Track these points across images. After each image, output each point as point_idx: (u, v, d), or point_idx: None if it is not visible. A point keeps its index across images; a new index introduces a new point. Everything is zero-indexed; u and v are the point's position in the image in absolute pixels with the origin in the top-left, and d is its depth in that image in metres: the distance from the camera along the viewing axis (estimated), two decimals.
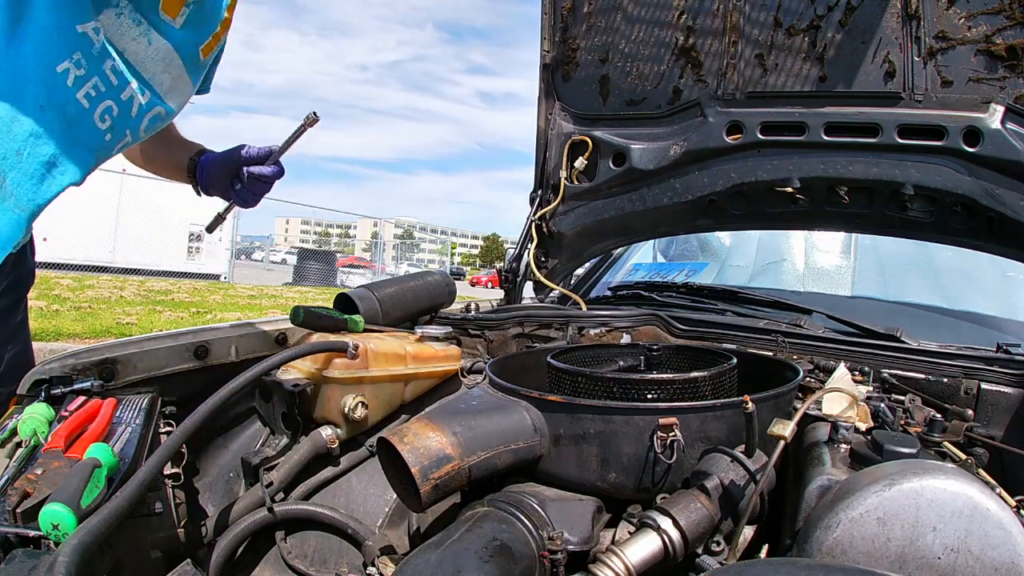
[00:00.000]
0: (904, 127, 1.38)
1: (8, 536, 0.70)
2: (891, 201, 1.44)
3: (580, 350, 1.20)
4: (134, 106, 1.09)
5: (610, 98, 1.71)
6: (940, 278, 2.09)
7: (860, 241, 2.22)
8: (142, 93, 1.10)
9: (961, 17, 1.32)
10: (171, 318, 7.53)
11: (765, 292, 1.82)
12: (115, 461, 0.83)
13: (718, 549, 0.74)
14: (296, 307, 1.29)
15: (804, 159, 1.49)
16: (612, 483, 0.83)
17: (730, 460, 0.78)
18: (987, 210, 1.33)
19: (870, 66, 1.41)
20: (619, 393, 0.90)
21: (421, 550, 0.72)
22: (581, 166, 1.73)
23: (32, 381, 1.02)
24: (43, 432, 0.87)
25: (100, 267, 12.70)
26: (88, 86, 1.01)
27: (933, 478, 0.61)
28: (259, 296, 11.33)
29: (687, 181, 1.63)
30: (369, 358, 1.17)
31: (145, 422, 0.97)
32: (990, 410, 1.15)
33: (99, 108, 1.03)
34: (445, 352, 1.31)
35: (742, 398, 0.76)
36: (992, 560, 0.58)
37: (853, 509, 0.62)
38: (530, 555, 0.73)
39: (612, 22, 1.67)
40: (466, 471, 0.80)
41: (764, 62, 1.51)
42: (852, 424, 0.83)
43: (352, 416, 1.14)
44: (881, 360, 1.27)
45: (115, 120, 1.06)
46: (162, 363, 1.16)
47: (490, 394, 0.92)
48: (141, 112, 1.11)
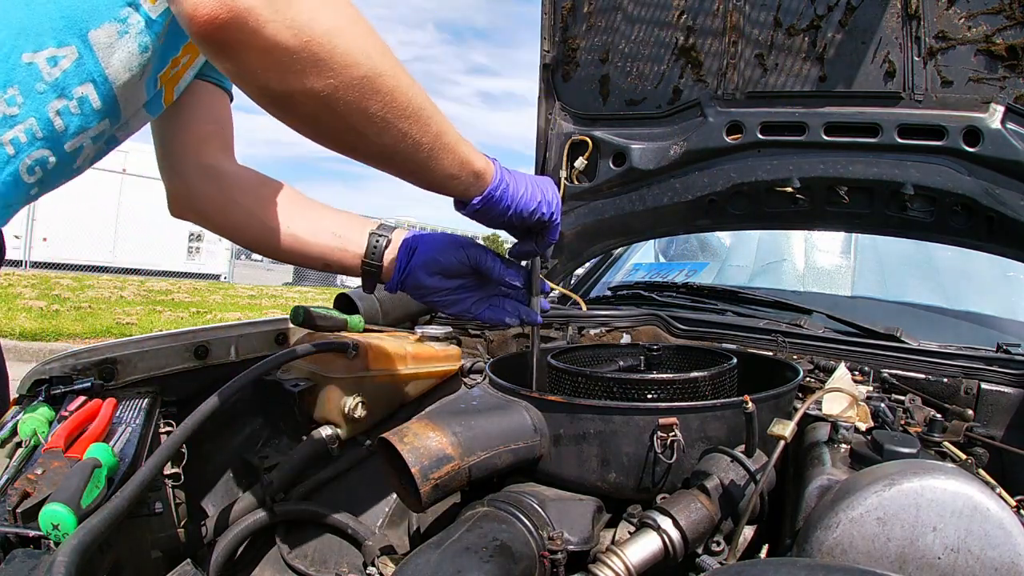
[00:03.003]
0: (904, 127, 1.38)
1: (8, 536, 0.70)
2: (891, 201, 1.44)
3: (580, 350, 1.20)
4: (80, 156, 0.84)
5: (610, 98, 1.71)
6: (940, 278, 2.09)
7: (860, 241, 2.22)
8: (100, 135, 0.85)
9: (961, 17, 1.32)
10: (171, 318, 7.54)
11: (765, 292, 1.82)
12: (115, 461, 0.83)
13: (718, 549, 0.74)
14: (296, 307, 1.29)
15: (804, 159, 1.49)
16: (612, 483, 0.83)
17: (730, 460, 0.78)
18: (987, 210, 1.33)
19: (870, 66, 1.41)
20: (619, 393, 0.90)
21: (421, 550, 0.72)
22: (581, 166, 1.72)
23: (32, 381, 1.02)
24: (43, 432, 0.87)
25: (100, 267, 12.70)
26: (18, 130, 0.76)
27: (933, 478, 0.61)
28: (259, 296, 11.33)
29: (687, 181, 1.63)
30: (369, 358, 1.17)
31: (145, 422, 0.97)
32: (990, 410, 1.15)
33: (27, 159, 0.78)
34: (445, 352, 1.32)
35: (742, 398, 0.76)
36: (992, 560, 0.58)
37: (853, 509, 0.62)
38: (530, 555, 0.73)
39: (612, 22, 1.67)
40: (466, 471, 0.80)
41: (764, 62, 1.51)
42: (852, 424, 0.83)
43: (352, 416, 1.14)
44: (881, 360, 1.27)
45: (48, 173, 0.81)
46: (162, 363, 1.16)
47: (490, 394, 0.92)
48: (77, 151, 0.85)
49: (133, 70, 0.81)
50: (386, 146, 0.77)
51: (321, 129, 0.74)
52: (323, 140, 0.76)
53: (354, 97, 0.69)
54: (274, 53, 0.62)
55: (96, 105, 0.81)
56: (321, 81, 0.66)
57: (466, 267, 0.98)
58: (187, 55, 0.92)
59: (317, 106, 0.69)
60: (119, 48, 0.79)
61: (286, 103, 0.69)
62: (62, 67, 0.76)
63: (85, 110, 0.80)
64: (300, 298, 11.43)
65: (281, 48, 0.62)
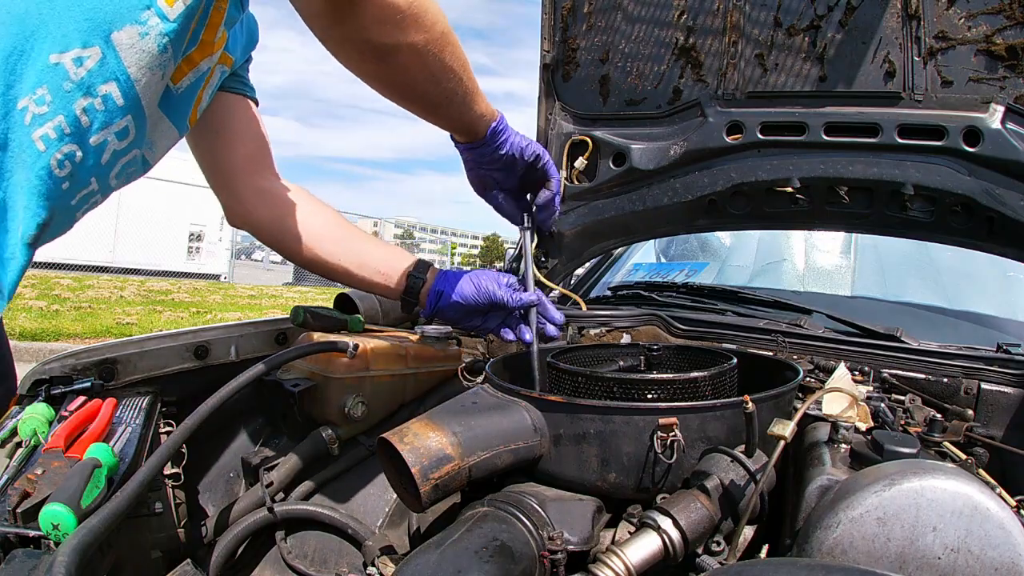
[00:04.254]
0: (904, 127, 1.38)
1: (8, 536, 0.70)
2: (891, 201, 1.44)
3: (580, 350, 1.20)
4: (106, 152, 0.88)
5: (610, 98, 1.71)
6: (940, 278, 2.09)
7: (860, 241, 2.22)
8: (128, 137, 0.90)
9: (961, 17, 1.32)
10: (171, 318, 7.54)
11: (765, 292, 1.82)
12: (115, 461, 0.83)
13: (718, 549, 0.74)
14: (296, 307, 1.29)
15: (804, 159, 1.49)
16: (612, 483, 0.83)
17: (730, 460, 0.78)
18: (987, 210, 1.33)
19: (870, 66, 1.41)
20: (619, 393, 0.90)
21: (421, 550, 0.72)
22: (581, 166, 1.72)
23: (32, 381, 1.02)
24: (43, 432, 0.87)
25: (100, 267, 12.70)
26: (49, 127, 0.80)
27: (933, 478, 0.61)
28: (259, 296, 11.33)
29: (687, 181, 1.63)
30: (369, 358, 1.17)
31: (145, 422, 0.97)
32: (990, 410, 1.15)
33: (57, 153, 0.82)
34: (445, 352, 1.32)
35: (742, 398, 0.76)
36: (992, 560, 0.58)
37: (853, 509, 0.62)
38: (530, 555, 0.73)
39: (612, 22, 1.67)
40: (466, 471, 0.80)
41: (764, 62, 1.51)
42: (852, 424, 0.83)
43: (352, 416, 1.14)
44: (881, 360, 1.27)
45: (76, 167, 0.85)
46: (162, 363, 1.16)
47: (490, 394, 0.92)
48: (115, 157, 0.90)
49: (154, 69, 0.86)
50: (448, 91, 0.97)
51: (408, 77, 0.93)
52: (401, 89, 0.97)
53: (437, 49, 0.91)
54: (387, 10, 0.82)
55: (120, 102, 0.85)
56: (420, 35, 0.87)
57: (484, 303, 1.15)
58: (203, 61, 0.96)
59: (410, 56, 0.89)
60: (140, 49, 0.83)
61: (387, 53, 0.88)
62: (87, 67, 0.80)
63: (109, 107, 0.84)
64: (300, 298, 11.43)
65: (393, 7, 0.83)
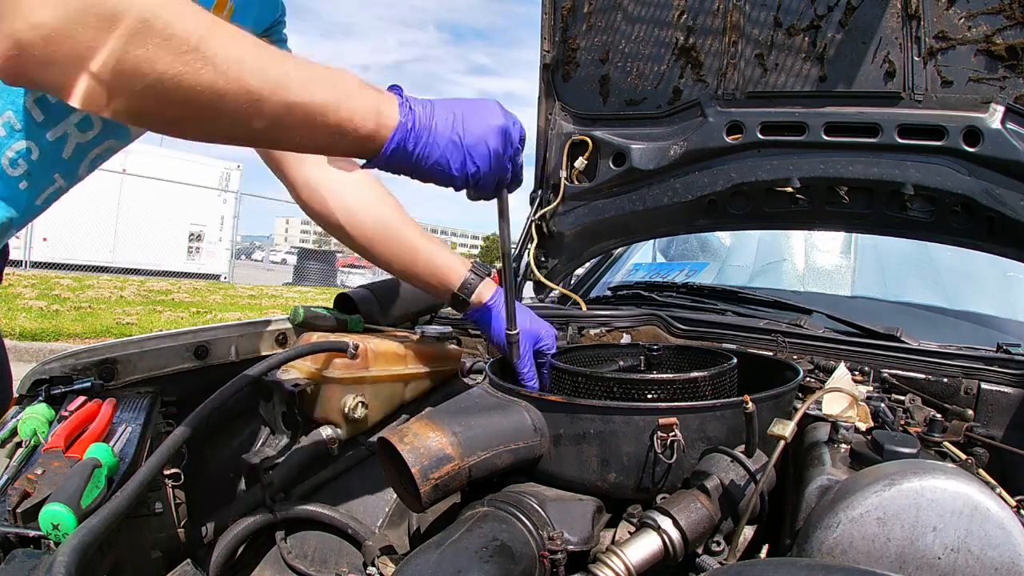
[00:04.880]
0: (904, 127, 1.38)
1: (8, 536, 0.70)
2: (891, 201, 1.44)
3: (580, 350, 1.20)
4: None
5: (610, 98, 1.71)
6: (940, 278, 2.09)
7: (860, 241, 2.22)
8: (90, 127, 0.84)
9: (961, 17, 1.32)
10: (171, 318, 7.53)
11: (765, 292, 1.81)
12: (115, 461, 0.83)
13: (718, 549, 0.74)
14: (296, 307, 1.29)
15: (804, 159, 1.49)
16: (612, 483, 0.83)
17: (730, 460, 0.78)
18: (987, 210, 1.33)
19: (870, 66, 1.41)
20: (619, 393, 0.90)
21: (421, 550, 0.72)
22: (581, 166, 1.73)
23: (32, 381, 1.02)
24: (43, 432, 0.87)
25: (100, 267, 12.69)
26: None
27: (933, 478, 0.61)
28: (259, 296, 11.33)
29: (687, 181, 1.63)
30: (369, 358, 1.17)
31: (145, 422, 0.97)
32: (990, 410, 1.15)
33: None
34: (445, 352, 1.31)
35: (742, 398, 0.76)
36: (992, 560, 0.58)
37: (853, 509, 0.62)
38: (530, 555, 0.73)
39: (612, 22, 1.67)
40: (466, 471, 0.80)
41: (764, 62, 1.51)
42: (852, 424, 0.83)
43: (352, 416, 1.14)
44: (881, 360, 1.27)
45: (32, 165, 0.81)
46: (162, 363, 1.16)
47: (490, 394, 0.92)
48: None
49: None
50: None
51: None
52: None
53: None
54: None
55: None
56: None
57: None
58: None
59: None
60: None
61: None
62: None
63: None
64: (300, 298, 11.43)
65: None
